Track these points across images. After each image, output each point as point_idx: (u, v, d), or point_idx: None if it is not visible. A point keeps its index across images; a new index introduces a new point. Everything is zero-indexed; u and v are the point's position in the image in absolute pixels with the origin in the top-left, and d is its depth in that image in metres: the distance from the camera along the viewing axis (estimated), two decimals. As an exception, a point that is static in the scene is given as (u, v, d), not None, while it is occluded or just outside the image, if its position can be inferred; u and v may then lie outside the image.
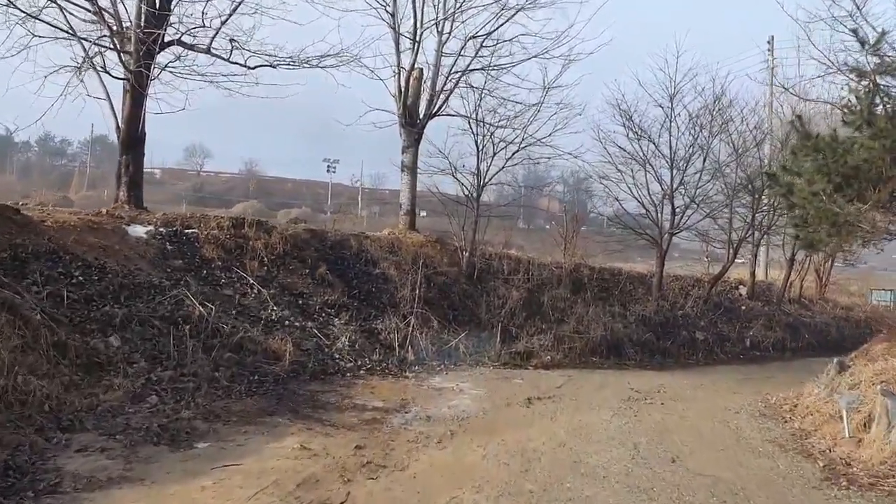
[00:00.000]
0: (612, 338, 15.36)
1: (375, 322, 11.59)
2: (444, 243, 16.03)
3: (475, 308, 14.22)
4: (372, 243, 13.73)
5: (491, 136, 15.63)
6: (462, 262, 15.40)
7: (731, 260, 19.56)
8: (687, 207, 18.28)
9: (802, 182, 11.89)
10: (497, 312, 14.26)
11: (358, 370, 9.96)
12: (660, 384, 11.80)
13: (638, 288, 18.65)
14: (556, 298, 15.89)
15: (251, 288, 10.90)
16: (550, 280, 16.54)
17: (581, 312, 15.63)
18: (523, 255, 17.46)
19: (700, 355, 17.06)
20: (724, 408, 9.97)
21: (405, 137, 16.66)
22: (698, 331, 18.22)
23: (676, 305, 18.43)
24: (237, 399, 7.84)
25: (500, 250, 16.79)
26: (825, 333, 20.96)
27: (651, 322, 17.18)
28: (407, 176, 16.77)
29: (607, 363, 14.53)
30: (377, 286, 12.69)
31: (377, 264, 13.18)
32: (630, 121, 18.05)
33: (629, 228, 18.64)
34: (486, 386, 10.08)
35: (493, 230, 18.10)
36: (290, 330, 10.24)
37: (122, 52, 12.42)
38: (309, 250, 12.48)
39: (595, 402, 9.59)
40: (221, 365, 8.64)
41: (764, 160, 19.50)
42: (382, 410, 8.05)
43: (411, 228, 16.69)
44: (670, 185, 18.09)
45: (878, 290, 26.75)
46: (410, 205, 16.89)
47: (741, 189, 18.91)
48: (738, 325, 19.26)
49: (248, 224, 12.01)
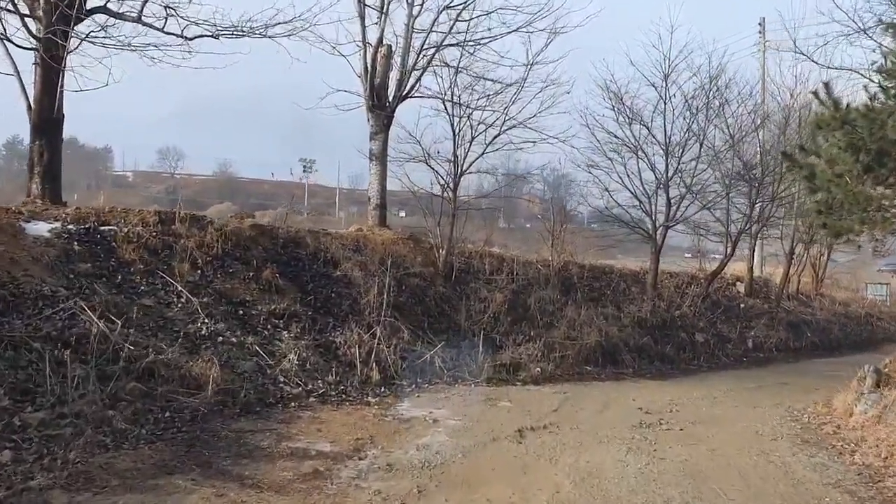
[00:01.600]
0: (608, 343, 13.40)
1: (333, 334, 9.47)
2: (419, 241, 13.96)
3: (453, 313, 12.17)
4: (333, 241, 11.61)
5: (468, 117, 13.60)
6: (438, 261, 13.35)
7: (730, 254, 17.75)
8: (682, 198, 16.40)
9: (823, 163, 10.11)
10: (479, 318, 12.22)
11: (307, 397, 7.83)
12: (669, 400, 9.84)
13: (632, 287, 16.74)
14: (544, 300, 13.89)
15: (178, 296, 8.73)
16: (537, 280, 14.54)
17: (572, 315, 13.65)
18: (506, 252, 15.45)
19: (701, 359, 15.20)
20: (756, 432, 8.02)
21: (373, 122, 14.55)
22: (697, 332, 16.37)
23: (673, 305, 16.55)
24: (132, 448, 5.69)
25: (480, 248, 14.76)
26: (827, 332, 19.29)
27: (647, 324, 15.27)
28: (376, 165, 14.67)
29: (604, 373, 12.56)
30: (337, 291, 10.57)
31: (338, 265, 11.06)
32: (621, 103, 16.13)
33: (621, 222, 16.70)
34: (466, 412, 8.01)
35: (473, 228, 16.07)
36: (223, 348, 8.10)
37: (25, 17, 10.16)
38: (255, 250, 10.32)
39: (601, 430, 7.57)
40: (121, 399, 6.48)
41: (763, 146, 17.66)
42: (330, 458, 5.95)
43: (382, 224, 14.59)
44: (665, 173, 16.20)
45: (873, 284, 25.23)
46: (380, 198, 14.79)
47: (739, 178, 17.08)
48: (739, 324, 17.45)
49: (179, 219, 9.82)
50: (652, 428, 7.85)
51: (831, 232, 10.83)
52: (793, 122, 18.35)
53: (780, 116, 18.71)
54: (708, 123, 16.45)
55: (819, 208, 10.73)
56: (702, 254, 21.72)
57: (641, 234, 16.89)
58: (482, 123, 13.69)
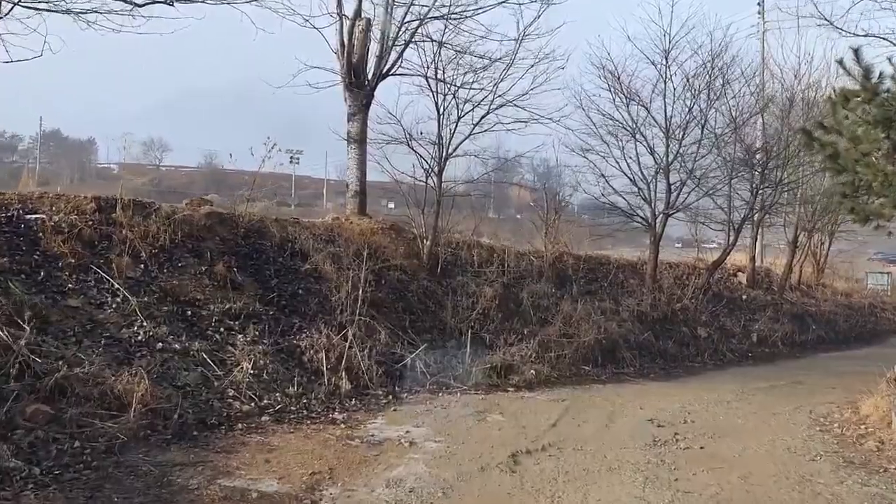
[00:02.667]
0: (607, 341, 12.13)
1: (298, 337, 8.11)
2: (401, 230, 12.60)
3: (439, 310, 10.83)
4: (302, 231, 10.21)
5: (454, 96, 12.20)
6: (422, 252, 12.00)
7: (733, 243, 16.49)
8: (683, 184, 15.12)
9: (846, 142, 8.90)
10: (466, 315, 10.89)
11: (259, 415, 6.48)
12: (679, 407, 8.58)
13: (630, 279, 15.48)
14: (537, 294, 12.58)
15: (114, 295, 7.34)
16: (530, 272, 13.23)
17: (568, 311, 12.36)
18: (497, 243, 14.12)
19: (705, 356, 13.96)
20: (787, 449, 6.76)
21: (351, 102, 13.11)
22: (700, 326, 15.14)
23: (674, 298, 15.29)
24: (11, 497, 4.33)
25: (468, 237, 13.42)
26: (832, 324, 18.14)
27: (648, 319, 14.02)
28: (354, 149, 13.24)
29: (603, 374, 11.29)
30: (306, 287, 9.20)
31: (308, 258, 9.67)
32: (618, 82, 14.78)
33: (618, 209, 15.39)
34: (450, 430, 6.68)
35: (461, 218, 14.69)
36: (162, 356, 6.72)
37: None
38: (210, 241, 8.92)
39: (610, 451, 6.28)
40: (18, 427, 5.11)
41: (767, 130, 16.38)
42: (274, 502, 4.61)
43: (361, 213, 13.19)
44: (665, 157, 14.90)
45: (873, 274, 24.13)
46: (359, 184, 13.36)
47: (742, 163, 15.81)
48: (742, 317, 16.25)
49: (121, 206, 8.39)
50: (668, 447, 6.57)
51: (859, 217, 9.57)
52: (798, 105, 17.11)
53: (783, 98, 17.43)
54: (710, 105, 15.15)
55: (845, 191, 9.50)
56: (698, 243, 20.50)
57: (640, 223, 15.61)
58: (469, 102, 12.30)
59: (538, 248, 14.16)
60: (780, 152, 15.94)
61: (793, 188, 16.77)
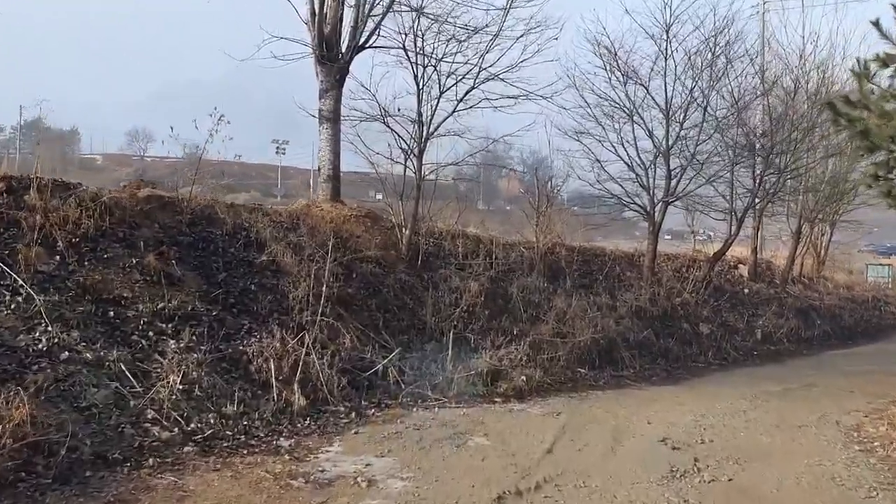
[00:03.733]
0: (604, 340, 10.85)
1: (246, 342, 6.72)
2: (378, 219, 11.24)
3: (418, 307, 9.48)
4: (261, 218, 8.81)
5: (436, 69, 10.80)
6: (401, 243, 10.65)
7: (736, 233, 15.24)
8: (684, 169, 13.82)
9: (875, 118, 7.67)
10: (449, 312, 9.55)
11: (184, 444, 5.10)
12: (694, 421, 7.31)
13: (626, 271, 14.19)
14: (528, 289, 11.26)
15: (15, 293, 5.92)
16: (520, 265, 11.90)
17: (561, 307, 11.05)
18: (484, 233, 12.77)
19: (709, 355, 12.71)
20: (833, 479, 5.49)
21: (323, 77, 11.65)
22: (702, 323, 13.89)
23: (674, 292, 14.03)
24: None
25: (453, 227, 12.05)
26: (837, 319, 16.97)
27: (647, 315, 12.75)
28: (327, 129, 11.79)
29: (602, 378, 10.01)
30: (260, 282, 7.81)
31: (265, 248, 8.27)
32: (614, 60, 13.42)
33: (615, 197, 14.08)
34: (421, 461, 5.32)
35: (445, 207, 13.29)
36: (65, 369, 5.32)
37: None
38: (148, 228, 7.48)
39: (620, 489, 4.95)
40: None
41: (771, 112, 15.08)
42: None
43: (335, 199, 11.78)
44: (665, 140, 13.60)
45: (873, 266, 23.02)
46: (332, 167, 11.92)
47: (745, 148, 14.51)
48: (745, 312, 15.04)
49: (36, 187, 6.94)
50: (689, 479, 5.27)
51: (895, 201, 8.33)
52: (803, 87, 15.84)
53: (788, 80, 16.16)
54: (712, 87, 13.82)
55: (877, 171, 8.25)
56: (695, 234, 19.24)
57: (637, 212, 14.32)
58: (452, 76, 10.91)
59: (529, 238, 12.83)
60: (785, 136, 14.66)
61: (798, 175, 15.51)
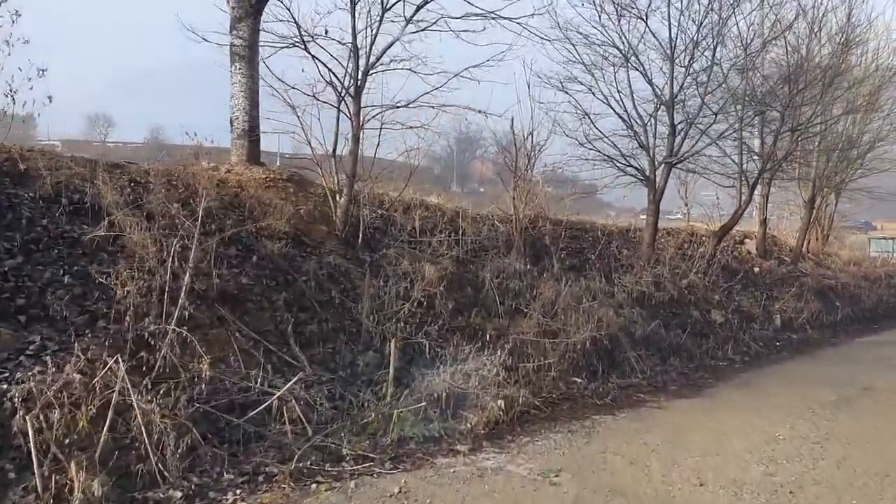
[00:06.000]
0: (605, 337, 8.11)
1: (19, 374, 3.76)
2: (306, 184, 8.30)
3: (350, 303, 6.58)
4: (107, 176, 5.76)
5: (377, -22, 7.77)
6: (334, 214, 7.73)
7: (747, 200, 12.59)
8: (691, 124, 11.08)
9: None
10: (396, 309, 6.67)
11: None
12: (765, 475, 4.60)
13: (622, 249, 11.47)
14: (505, 274, 8.46)
15: None
16: (495, 242, 9.08)
17: (548, 295, 8.30)
18: (447, 203, 9.86)
19: (728, 350, 10.12)
20: None
21: (235, 3, 8.60)
22: (713, 309, 11.29)
23: (678, 273, 11.37)
24: None
25: (408, 195, 9.12)
26: (856, 300, 14.55)
27: (651, 302, 10.10)
28: (241, 70, 8.67)
29: (607, 391, 7.29)
30: (82, 270, 4.81)
31: (104, 217, 5.26)
32: (607, -14, 10.55)
33: (608, 159, 11.28)
34: None
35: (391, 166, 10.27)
36: None
37: None
38: None
39: None
40: None
41: (792, 55, 12.37)
42: None
43: (253, 161, 8.75)
44: (670, 88, 10.83)
45: (876, 239, 20.76)
46: (249, 118, 8.81)
47: (765, 98, 11.81)
48: (760, 295, 12.46)
49: None
50: None
51: None
52: (819, 32, 13.18)
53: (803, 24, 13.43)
54: (724, 22, 11.03)
55: None
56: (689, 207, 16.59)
57: (634, 176, 11.55)
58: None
59: (505, 210, 9.98)
60: (806, 86, 11.99)
61: (817, 134, 12.91)
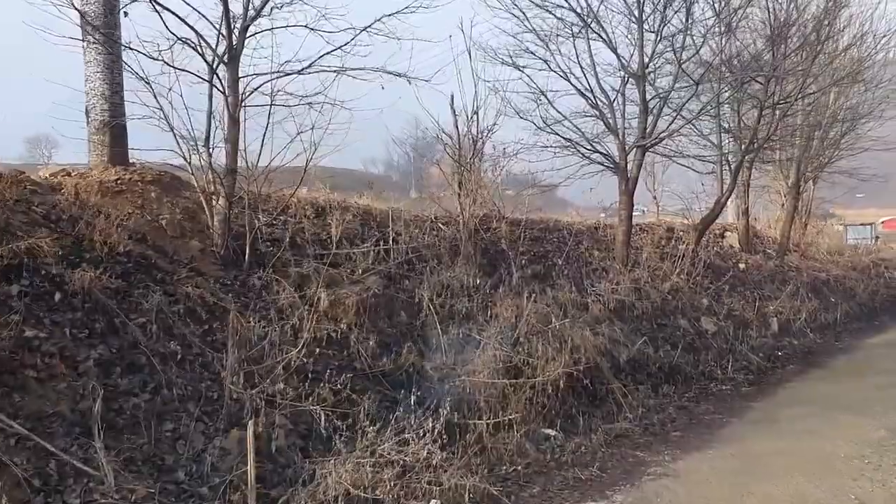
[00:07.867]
0: (584, 365, 6.15)
1: None
2: (177, 188, 6.13)
3: (217, 356, 4.44)
4: None
5: None
6: (212, 224, 5.60)
7: (731, 187, 10.87)
8: (665, 101, 9.30)
9: None
10: (278, 360, 4.55)
11: None
12: None
13: (593, 251, 9.60)
14: (450, 290, 6.44)
15: None
16: (435, 250, 7.04)
17: (507, 316, 6.32)
18: (375, 203, 7.79)
19: (727, 367, 8.27)
20: None
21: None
22: (703, 316, 9.48)
23: (658, 275, 9.55)
24: None
25: (320, 195, 7.01)
26: (851, 294, 13.01)
27: (632, 313, 8.25)
28: (96, 46, 6.51)
29: (589, 448, 5.32)
30: None
31: None
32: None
33: (570, 144, 9.38)
34: None
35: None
36: None
37: None
38: None
39: None
40: None
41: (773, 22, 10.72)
42: None
43: (117, 161, 6.51)
44: (639, 56, 9.01)
45: (854, 227, 19.54)
46: (109, 107, 6.59)
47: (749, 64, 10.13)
48: (750, 296, 10.72)
49: None
50: None
51: None
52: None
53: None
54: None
55: None
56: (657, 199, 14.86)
57: (601, 163, 9.67)
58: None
59: (448, 210, 7.96)
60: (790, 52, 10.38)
61: (805, 108, 11.31)
